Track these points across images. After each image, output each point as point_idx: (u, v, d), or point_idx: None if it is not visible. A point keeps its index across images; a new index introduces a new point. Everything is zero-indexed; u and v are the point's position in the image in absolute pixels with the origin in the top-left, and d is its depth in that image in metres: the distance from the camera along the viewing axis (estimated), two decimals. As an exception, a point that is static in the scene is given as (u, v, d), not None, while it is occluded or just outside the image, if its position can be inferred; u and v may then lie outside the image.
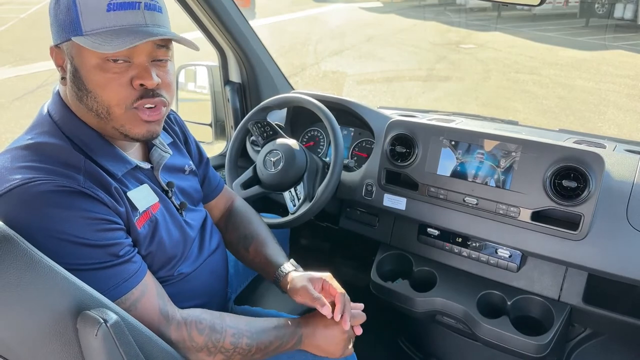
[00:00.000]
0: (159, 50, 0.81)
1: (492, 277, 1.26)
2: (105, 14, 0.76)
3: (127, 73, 0.78)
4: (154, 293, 0.83)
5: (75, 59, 0.78)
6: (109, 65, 0.77)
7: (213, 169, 1.19)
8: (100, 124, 0.82)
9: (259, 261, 1.11)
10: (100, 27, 0.76)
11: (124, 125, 0.81)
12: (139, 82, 0.79)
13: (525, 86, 6.16)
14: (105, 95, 0.78)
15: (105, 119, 0.81)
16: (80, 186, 0.75)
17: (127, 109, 0.80)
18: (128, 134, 0.82)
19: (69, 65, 0.80)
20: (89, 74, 0.78)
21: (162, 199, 0.92)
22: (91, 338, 0.63)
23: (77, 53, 0.78)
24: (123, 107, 0.79)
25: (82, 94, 0.79)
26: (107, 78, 0.78)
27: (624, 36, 8.98)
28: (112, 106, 0.79)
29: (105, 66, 0.77)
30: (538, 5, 1.08)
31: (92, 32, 0.76)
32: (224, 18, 1.56)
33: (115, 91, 0.78)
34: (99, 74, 0.77)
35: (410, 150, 1.30)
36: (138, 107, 0.80)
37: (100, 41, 0.75)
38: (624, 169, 1.15)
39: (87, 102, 0.80)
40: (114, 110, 0.80)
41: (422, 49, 8.38)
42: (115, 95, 0.79)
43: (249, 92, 1.77)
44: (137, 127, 0.82)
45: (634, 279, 1.05)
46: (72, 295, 0.66)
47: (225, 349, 0.87)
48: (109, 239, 0.77)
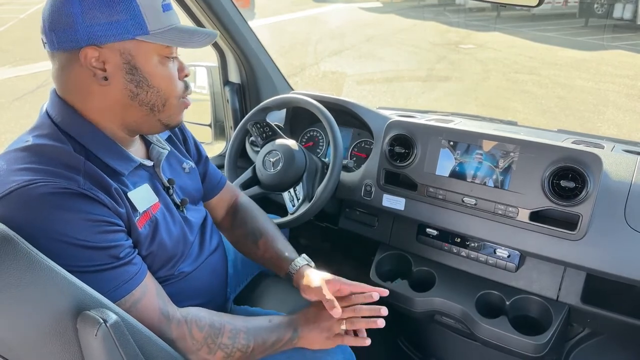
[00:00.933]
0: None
1: (490, 277, 1.27)
2: (163, 14, 0.82)
3: (175, 68, 0.87)
4: (154, 293, 0.83)
5: (137, 57, 0.81)
6: (167, 61, 0.85)
7: (214, 166, 1.19)
8: (142, 119, 0.86)
9: (269, 256, 1.12)
10: (161, 27, 0.81)
11: (171, 115, 0.89)
12: (184, 73, 0.89)
13: (525, 86, 6.17)
14: (168, 88, 0.86)
15: (156, 112, 0.86)
16: (80, 188, 0.75)
17: (179, 100, 0.89)
18: (171, 122, 0.90)
19: (123, 64, 0.80)
20: (154, 69, 0.83)
21: (163, 196, 0.92)
22: (91, 338, 0.64)
23: (140, 51, 0.81)
24: (178, 97, 0.88)
25: (141, 90, 0.83)
26: (168, 72, 0.85)
27: (623, 36, 8.99)
28: (171, 97, 0.87)
29: (165, 62, 0.84)
30: (537, 6, 1.09)
31: (157, 31, 0.81)
32: (223, 19, 1.56)
33: (175, 84, 0.87)
34: (162, 69, 0.84)
35: (409, 151, 1.30)
36: (185, 98, 0.90)
37: (175, 39, 0.82)
38: (622, 169, 1.15)
39: (145, 97, 0.84)
40: (171, 102, 0.87)
41: (422, 49, 8.39)
42: (175, 88, 0.87)
43: (248, 92, 1.77)
44: (179, 115, 0.91)
45: (632, 279, 1.05)
46: (72, 295, 0.66)
47: (224, 345, 0.87)
48: (110, 240, 0.77)
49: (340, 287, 1.00)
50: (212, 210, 1.19)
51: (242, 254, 1.21)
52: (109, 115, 0.84)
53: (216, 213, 1.20)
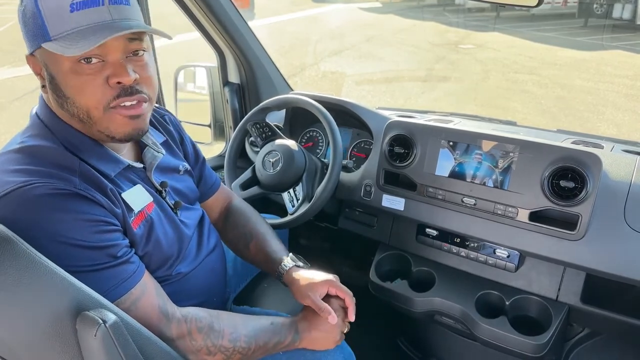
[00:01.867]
0: (132, 43, 0.78)
1: (490, 277, 1.27)
2: (70, 15, 0.73)
3: (101, 73, 0.76)
4: (153, 292, 0.83)
5: (50, 66, 0.77)
6: (82, 68, 0.75)
7: (210, 168, 1.19)
8: (85, 128, 0.81)
9: (259, 259, 1.12)
10: (66, 30, 0.74)
11: (108, 127, 0.80)
12: (115, 80, 0.76)
13: (524, 86, 6.17)
14: (83, 99, 0.77)
15: (88, 123, 0.79)
16: (76, 188, 0.75)
17: (106, 110, 0.78)
18: (114, 135, 0.81)
19: (46, 73, 0.79)
20: (64, 79, 0.76)
21: (156, 199, 0.92)
22: (90, 339, 0.64)
23: (50, 59, 0.76)
24: (101, 108, 0.78)
25: (62, 101, 0.78)
26: (82, 81, 0.75)
27: (623, 36, 8.99)
28: (91, 109, 0.77)
29: (78, 69, 0.75)
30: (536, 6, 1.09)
31: (59, 36, 0.74)
32: (223, 19, 1.56)
33: (92, 93, 0.76)
34: (73, 78, 0.75)
35: (409, 151, 1.30)
36: (116, 107, 0.78)
37: (67, 44, 0.73)
38: (621, 169, 1.15)
39: (67, 108, 0.79)
40: (93, 113, 0.78)
41: (421, 49, 8.39)
42: (93, 97, 0.77)
43: (247, 93, 1.77)
44: (121, 126, 0.80)
45: (632, 279, 1.05)
46: (71, 295, 0.66)
47: (224, 347, 0.87)
48: (107, 240, 0.77)
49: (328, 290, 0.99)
50: (207, 211, 1.19)
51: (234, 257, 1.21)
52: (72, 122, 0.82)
53: (210, 214, 1.20)
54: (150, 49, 0.84)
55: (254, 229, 1.16)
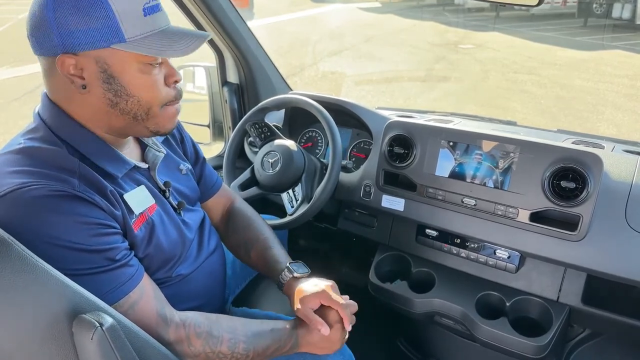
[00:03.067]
0: None
1: (490, 278, 1.26)
2: (143, 19, 0.78)
3: (161, 74, 0.83)
4: (152, 296, 0.82)
5: (113, 66, 0.78)
6: (149, 68, 0.80)
7: (210, 168, 1.18)
8: (128, 125, 0.84)
9: (260, 266, 1.11)
10: (141, 33, 0.78)
11: (158, 123, 0.85)
12: (173, 79, 0.85)
13: (524, 86, 6.17)
14: (149, 97, 0.82)
15: (141, 120, 0.83)
16: (75, 190, 0.74)
17: (162, 108, 0.85)
18: (160, 130, 0.87)
19: (100, 73, 0.78)
20: (133, 78, 0.79)
21: (159, 199, 0.91)
22: (87, 342, 0.63)
23: (116, 60, 0.77)
24: (160, 105, 0.84)
25: (120, 99, 0.80)
26: (150, 80, 0.81)
27: (622, 36, 8.99)
28: (154, 106, 0.83)
29: (146, 69, 0.80)
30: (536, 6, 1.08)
31: (135, 38, 0.77)
32: (222, 19, 1.55)
33: (158, 92, 0.83)
34: (142, 77, 0.80)
35: (409, 151, 1.30)
36: (170, 104, 0.86)
37: (154, 46, 0.78)
38: (622, 170, 1.15)
39: (125, 106, 0.81)
40: (154, 110, 0.83)
41: (421, 50, 8.39)
42: (158, 96, 0.83)
43: (246, 93, 1.77)
44: (169, 122, 0.87)
45: (633, 280, 1.04)
46: (68, 298, 0.65)
47: (222, 354, 0.86)
48: (105, 243, 0.76)
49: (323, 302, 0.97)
50: (207, 212, 1.18)
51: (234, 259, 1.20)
52: (94, 121, 0.82)
53: (211, 216, 1.19)
54: None
55: (255, 235, 1.14)
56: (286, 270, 1.03)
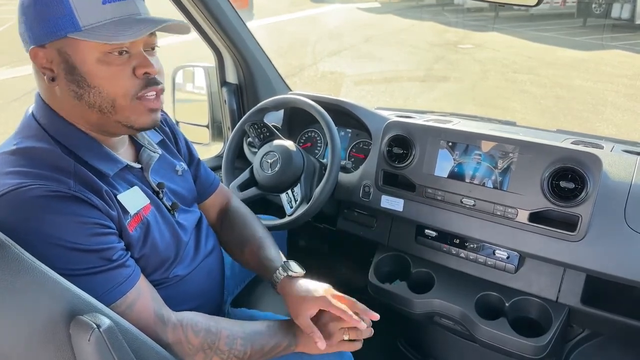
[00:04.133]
0: (151, 38, 0.82)
1: (490, 278, 1.26)
2: (102, 7, 0.76)
3: (129, 64, 0.79)
4: (149, 296, 0.82)
5: (73, 56, 0.76)
6: (112, 58, 0.77)
7: (206, 169, 1.17)
8: (100, 120, 0.81)
9: (253, 265, 1.10)
10: (98, 21, 0.75)
11: (129, 117, 0.81)
12: (143, 70, 0.80)
13: (524, 86, 6.17)
14: (111, 88, 0.78)
15: (108, 114, 0.80)
16: (71, 190, 0.74)
17: (132, 100, 0.80)
18: (134, 125, 0.82)
19: (63, 64, 0.78)
20: (92, 68, 0.77)
21: (153, 200, 0.91)
22: (84, 343, 0.63)
23: (75, 49, 0.76)
24: (128, 98, 0.80)
25: (83, 91, 0.78)
26: (112, 71, 0.78)
27: (622, 36, 9.00)
28: (118, 98, 0.79)
29: (108, 59, 0.77)
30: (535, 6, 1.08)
31: (91, 27, 0.75)
32: (220, 19, 1.55)
33: (121, 83, 0.79)
34: (103, 67, 0.77)
35: (408, 152, 1.30)
36: (141, 97, 0.81)
37: (106, 34, 0.75)
38: (621, 170, 1.14)
39: (89, 98, 0.79)
40: (119, 102, 0.80)
41: (420, 50, 8.39)
42: (122, 87, 0.79)
43: (245, 93, 1.77)
44: (143, 116, 0.82)
45: (632, 280, 1.04)
46: (65, 300, 0.65)
47: (220, 350, 0.86)
48: (102, 243, 0.76)
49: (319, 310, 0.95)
50: (205, 212, 1.18)
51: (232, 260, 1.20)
52: (72, 116, 0.82)
53: (208, 215, 1.18)
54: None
55: (250, 234, 1.13)
56: (280, 268, 1.02)
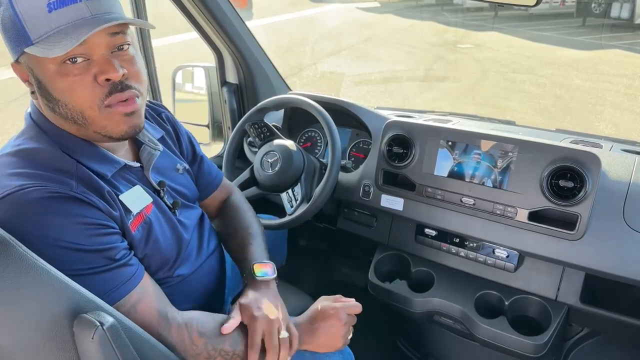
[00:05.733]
0: (115, 37, 0.76)
1: (489, 277, 1.27)
2: (48, 16, 0.71)
3: (89, 71, 0.74)
4: (153, 295, 0.82)
5: (35, 70, 0.75)
6: (68, 68, 0.73)
7: (209, 164, 1.17)
8: (81, 130, 0.80)
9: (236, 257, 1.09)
10: (47, 31, 0.72)
11: (105, 127, 0.78)
12: (103, 77, 0.75)
13: (523, 86, 6.17)
14: (74, 100, 0.75)
15: (83, 125, 0.78)
16: (73, 191, 0.74)
17: (100, 109, 0.76)
18: (112, 134, 0.79)
19: (33, 79, 0.77)
20: (52, 82, 0.74)
21: (154, 198, 0.91)
22: (88, 341, 0.63)
23: (35, 64, 0.75)
24: (96, 107, 0.76)
25: (53, 104, 0.77)
26: (69, 82, 0.74)
27: (621, 35, 9.00)
28: (85, 109, 0.76)
29: (64, 70, 0.73)
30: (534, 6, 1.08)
31: (40, 39, 0.72)
32: (221, 19, 1.55)
33: (82, 93, 0.75)
34: (60, 79, 0.74)
35: (408, 151, 1.30)
36: (111, 105, 0.77)
37: (49, 46, 0.71)
38: (620, 169, 1.15)
39: (60, 111, 0.77)
40: (88, 113, 0.76)
41: (420, 49, 8.39)
42: (84, 98, 0.75)
43: (246, 93, 1.77)
44: (118, 125, 0.79)
45: (631, 279, 1.05)
46: (69, 298, 0.65)
47: (224, 351, 0.86)
48: (105, 243, 0.76)
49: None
50: (208, 207, 1.18)
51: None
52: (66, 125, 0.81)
53: (211, 210, 1.19)
54: (135, 42, 0.82)
55: (243, 226, 1.12)
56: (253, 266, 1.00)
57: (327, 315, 0.98)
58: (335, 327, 0.98)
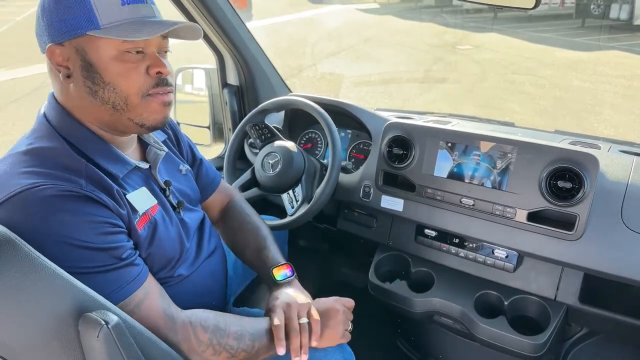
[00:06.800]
0: (164, 41, 0.86)
1: (489, 277, 1.27)
2: (120, 8, 0.79)
3: (142, 63, 0.82)
4: (157, 295, 0.83)
5: (90, 53, 0.79)
6: (127, 56, 0.81)
7: (209, 167, 1.19)
8: (113, 117, 0.84)
9: (255, 266, 1.13)
10: (117, 20, 0.79)
11: (141, 114, 0.84)
12: (156, 69, 0.83)
13: (522, 87, 6.18)
14: (124, 85, 0.81)
15: (121, 110, 0.83)
16: (82, 190, 0.76)
17: (143, 97, 0.83)
18: (145, 122, 0.85)
19: (80, 61, 0.80)
20: (108, 65, 0.80)
21: (160, 198, 0.92)
22: (93, 339, 0.64)
23: (93, 47, 0.79)
24: (140, 95, 0.83)
25: (98, 87, 0.81)
26: (126, 68, 0.81)
27: (620, 37, 9.02)
28: (131, 95, 0.82)
29: (123, 57, 0.80)
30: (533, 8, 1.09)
31: (110, 25, 0.78)
32: (221, 20, 1.56)
33: (135, 80, 0.82)
34: (118, 64, 0.80)
35: (407, 152, 1.31)
36: (152, 94, 0.84)
37: (124, 32, 0.78)
38: (618, 170, 1.16)
39: (103, 94, 0.81)
40: (131, 99, 0.82)
41: (419, 51, 8.40)
42: (135, 84, 0.82)
43: (246, 94, 1.78)
44: (154, 113, 0.85)
45: (630, 278, 1.06)
46: (74, 297, 0.66)
47: (229, 345, 0.88)
48: (112, 242, 0.78)
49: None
50: (209, 209, 1.19)
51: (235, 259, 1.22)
52: (85, 114, 0.84)
53: (211, 213, 1.21)
54: None
55: (251, 233, 1.16)
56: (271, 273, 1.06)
57: (325, 306, 1.01)
58: (334, 319, 1.00)
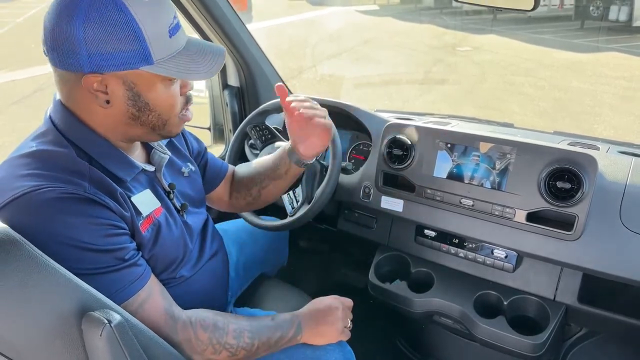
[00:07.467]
0: None
1: (488, 277, 1.28)
2: (169, 41, 0.80)
3: (177, 86, 0.87)
4: (159, 295, 0.84)
5: (139, 85, 0.80)
6: (170, 84, 0.84)
7: (213, 156, 1.23)
8: (142, 133, 0.87)
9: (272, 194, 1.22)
10: (167, 54, 0.80)
11: (171, 130, 0.89)
12: (187, 89, 0.89)
13: (522, 88, 6.19)
14: (169, 110, 0.86)
15: (158, 128, 0.87)
16: (86, 192, 0.76)
17: (178, 116, 0.89)
18: (170, 135, 0.91)
19: (126, 92, 0.80)
20: (156, 96, 0.83)
21: (164, 200, 0.93)
22: (96, 338, 0.65)
23: (143, 80, 0.80)
24: (178, 116, 0.89)
25: (142, 114, 0.83)
26: (171, 95, 0.85)
27: (619, 38, 9.03)
28: (172, 117, 0.87)
29: (168, 85, 0.84)
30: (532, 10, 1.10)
31: (161, 60, 0.79)
32: (222, 22, 1.57)
33: (177, 104, 0.87)
34: (165, 93, 0.84)
35: (407, 153, 1.32)
36: (184, 112, 0.90)
37: (181, 69, 0.81)
38: (617, 170, 1.16)
39: (146, 119, 0.84)
40: (172, 120, 0.87)
41: (419, 52, 8.42)
42: (177, 108, 0.87)
43: (247, 95, 1.78)
44: (178, 126, 0.91)
45: (628, 279, 1.06)
46: (77, 297, 0.67)
47: (229, 344, 0.88)
48: (115, 243, 0.78)
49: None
50: (218, 197, 1.24)
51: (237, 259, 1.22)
52: (111, 131, 0.85)
53: (222, 201, 1.26)
54: None
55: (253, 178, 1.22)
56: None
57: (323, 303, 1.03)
58: (333, 315, 1.01)
